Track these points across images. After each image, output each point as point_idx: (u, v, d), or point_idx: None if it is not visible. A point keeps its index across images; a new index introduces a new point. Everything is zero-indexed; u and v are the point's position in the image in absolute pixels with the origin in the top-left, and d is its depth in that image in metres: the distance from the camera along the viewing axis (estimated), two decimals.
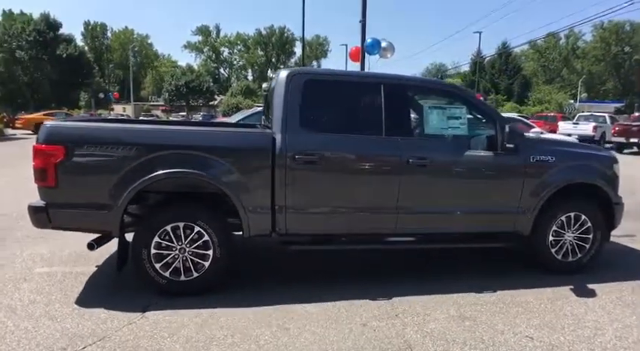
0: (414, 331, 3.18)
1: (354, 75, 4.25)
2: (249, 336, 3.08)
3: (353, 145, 3.80)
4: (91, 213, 3.50)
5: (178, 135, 3.72)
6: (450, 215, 4.01)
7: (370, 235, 4.02)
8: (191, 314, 3.36)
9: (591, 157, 4.42)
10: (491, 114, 4.18)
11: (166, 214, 3.64)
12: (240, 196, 3.61)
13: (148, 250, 3.55)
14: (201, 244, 3.64)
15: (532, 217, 4.15)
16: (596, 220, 4.33)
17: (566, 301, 3.75)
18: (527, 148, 4.10)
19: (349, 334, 3.12)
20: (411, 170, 3.84)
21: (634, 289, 4.03)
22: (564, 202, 4.27)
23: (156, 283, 3.61)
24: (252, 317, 3.34)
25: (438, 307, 3.56)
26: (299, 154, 3.65)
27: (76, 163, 3.44)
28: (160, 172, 3.46)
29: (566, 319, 3.43)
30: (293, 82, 3.78)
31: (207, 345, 2.95)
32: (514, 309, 3.57)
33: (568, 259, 4.33)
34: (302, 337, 3.08)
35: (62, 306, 3.47)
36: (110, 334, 3.07)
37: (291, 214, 3.73)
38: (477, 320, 3.36)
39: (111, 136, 3.52)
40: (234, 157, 3.60)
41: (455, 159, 3.98)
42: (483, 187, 4.06)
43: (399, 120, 3.93)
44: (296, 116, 3.72)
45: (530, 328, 3.25)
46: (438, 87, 4.33)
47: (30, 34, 42.76)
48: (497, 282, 4.08)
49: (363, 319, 3.35)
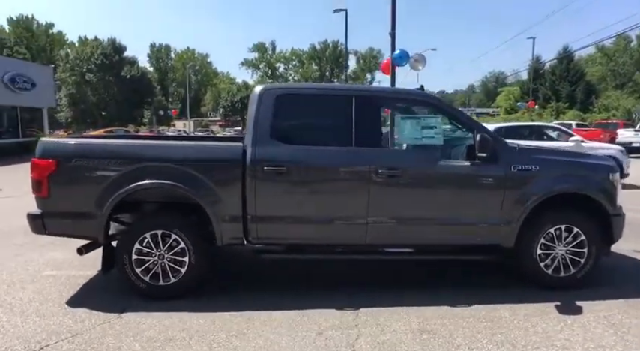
0: (366, 341, 3.18)
1: (326, 88, 4.35)
2: (205, 339, 3.23)
3: (321, 157, 3.89)
4: (80, 221, 3.83)
5: (154, 149, 4.00)
6: (424, 226, 3.96)
7: (343, 245, 4.06)
8: (161, 316, 3.58)
9: (583, 167, 4.17)
10: (469, 123, 4.10)
11: (145, 222, 3.91)
12: (213, 206, 3.80)
13: (130, 256, 3.83)
14: (178, 251, 3.86)
15: (515, 229, 3.99)
16: (591, 233, 4.07)
17: (543, 317, 3.57)
18: (508, 157, 3.98)
19: (300, 342, 3.18)
20: (381, 181, 3.85)
21: (628, 308, 3.74)
22: (553, 213, 4.07)
23: (136, 287, 3.88)
24: (216, 321, 3.50)
25: (401, 319, 3.53)
26: (267, 166, 3.79)
27: (66, 176, 3.80)
28: (137, 183, 3.74)
29: (535, 336, 3.26)
30: (265, 97, 3.95)
31: (164, 345, 3.14)
32: (482, 324, 3.45)
33: (560, 274, 4.10)
34: (254, 341, 3.19)
35: (54, 305, 3.82)
36: (84, 331, 3.35)
37: (262, 223, 3.87)
38: (436, 334, 3.29)
39: (95, 151, 3.86)
40: (206, 168, 3.81)
41: (428, 169, 3.94)
42: (459, 197, 3.97)
43: (370, 131, 3.96)
44: (266, 129, 3.88)
45: (490, 344, 3.14)
46: (411, 97, 4.30)
47: (98, 58, 46.87)
48: (477, 296, 3.95)
49: (321, 328, 3.39)
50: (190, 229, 3.88)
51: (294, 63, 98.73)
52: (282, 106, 3.94)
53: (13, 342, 3.18)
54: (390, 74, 12.50)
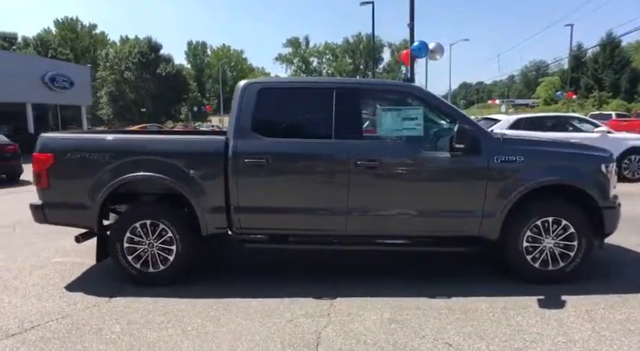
0: (333, 329, 3.24)
1: (308, 81, 4.39)
2: (182, 323, 3.39)
3: (300, 149, 3.95)
4: (75, 211, 4.08)
5: (142, 143, 4.18)
6: (404, 217, 3.96)
7: (324, 235, 4.11)
8: (147, 301, 3.77)
9: (572, 157, 4.03)
10: (452, 114, 4.04)
11: (135, 212, 4.11)
12: (197, 197, 3.95)
13: (121, 244, 4.05)
14: (166, 240, 4.05)
15: (499, 221, 3.92)
16: (581, 226, 3.95)
17: (521, 311, 3.51)
18: (491, 148, 3.91)
19: (270, 328, 3.28)
20: (360, 172, 3.88)
21: (614, 304, 3.61)
22: (540, 205, 3.97)
23: (128, 274, 4.10)
24: (196, 307, 3.65)
25: (375, 309, 3.56)
26: (248, 158, 3.90)
27: (63, 169, 4.06)
28: (126, 175, 3.94)
29: (507, 329, 3.22)
30: (247, 91, 4.05)
31: (142, 327, 3.32)
32: (455, 316, 3.44)
33: (548, 267, 4.00)
34: (226, 327, 3.32)
35: (53, 289, 4.10)
36: (73, 313, 3.58)
37: (244, 214, 3.99)
38: (405, 324, 3.31)
39: (88, 145, 4.09)
40: (191, 161, 3.97)
41: (408, 160, 3.93)
42: (440, 188, 3.94)
43: (350, 123, 3.98)
44: (248, 122, 3.98)
45: (457, 336, 3.13)
46: (392, 88, 4.28)
47: (135, 57, 48.69)
48: (460, 288, 3.92)
49: (293, 315, 3.48)
50: (177, 219, 4.05)
51: (327, 57, 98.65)
52: (263, 100, 4.03)
53: (9, 321, 3.45)
54: (410, 66, 12.36)
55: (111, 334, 3.23)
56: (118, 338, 3.18)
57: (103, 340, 3.15)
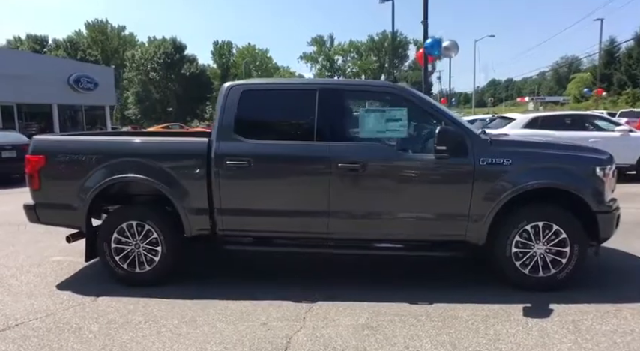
0: (305, 334, 3.21)
1: (290, 83, 4.34)
2: (158, 323, 3.43)
3: (282, 151, 3.93)
4: (65, 212, 4.18)
5: (127, 145, 4.24)
6: (387, 221, 3.88)
7: (307, 238, 4.08)
8: (129, 301, 3.83)
9: (564, 159, 3.86)
10: (436, 114, 3.93)
11: (121, 213, 4.18)
12: (180, 198, 3.99)
13: (109, 245, 4.12)
14: (152, 241, 4.10)
15: (486, 226, 3.80)
16: (573, 231, 3.78)
17: (503, 319, 3.38)
18: (477, 150, 3.79)
19: (242, 331, 3.28)
20: (342, 175, 3.83)
21: (605, 314, 3.44)
22: (529, 209, 3.83)
23: (116, 274, 4.17)
24: (175, 308, 3.68)
25: (352, 314, 3.51)
26: (230, 160, 3.91)
27: (53, 170, 4.16)
28: (112, 177, 4.01)
29: (484, 338, 3.11)
30: (231, 93, 4.05)
31: (119, 327, 3.38)
32: (432, 323, 3.35)
33: (538, 274, 3.85)
34: (200, 329, 3.33)
35: (45, 287, 4.22)
36: (57, 311, 3.67)
37: (227, 215, 4.00)
38: (378, 330, 3.25)
39: (75, 147, 4.18)
40: (174, 163, 4.00)
41: (390, 163, 3.85)
42: (424, 191, 3.85)
43: (332, 125, 3.93)
44: (231, 125, 3.99)
45: (429, 344, 3.05)
46: (375, 89, 4.19)
47: (160, 57, 49.78)
48: (445, 294, 3.82)
49: (269, 319, 3.47)
50: (162, 220, 4.09)
51: (352, 55, 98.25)
52: (246, 102, 4.02)
53: None
54: (424, 64, 12.15)
55: (88, 334, 3.30)
56: (94, 337, 3.24)
57: (80, 339, 3.22)
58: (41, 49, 51.47)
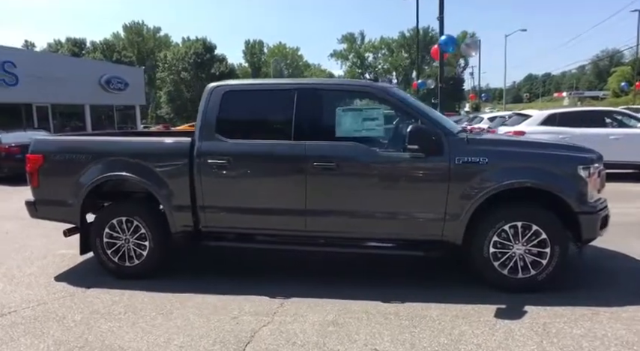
0: (270, 329, 3.29)
1: (271, 83, 4.40)
2: (137, 315, 3.59)
3: (260, 150, 4.01)
4: (62, 208, 4.42)
5: (115, 145, 4.43)
6: (362, 219, 3.90)
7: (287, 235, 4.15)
8: (115, 293, 4.03)
9: (543, 158, 3.76)
10: (414, 113, 3.91)
11: (111, 209, 4.38)
12: (165, 195, 4.14)
13: (101, 239, 4.33)
14: (141, 236, 4.28)
15: (462, 225, 3.76)
16: (554, 232, 3.69)
17: (472, 320, 3.35)
18: (453, 148, 3.75)
19: (212, 324, 3.39)
20: (318, 173, 3.87)
21: (580, 317, 3.34)
22: (507, 209, 3.76)
23: (107, 267, 4.38)
24: (156, 301, 3.84)
25: (321, 311, 3.56)
26: (211, 159, 4.03)
27: (50, 169, 4.41)
28: (103, 175, 4.21)
29: (446, 338, 3.10)
30: (214, 94, 4.18)
31: (100, 317, 3.56)
32: (399, 322, 3.35)
33: (517, 275, 3.78)
34: (174, 321, 3.47)
35: (44, 278, 4.47)
36: (48, 301, 3.90)
37: (209, 213, 4.13)
38: (343, 327, 3.29)
39: (70, 147, 4.41)
40: (159, 161, 4.16)
41: (366, 162, 3.87)
42: (399, 190, 3.84)
43: (309, 124, 3.98)
44: (212, 124, 4.11)
45: (389, 343, 3.06)
46: (353, 88, 4.19)
47: (191, 57, 51.02)
48: (421, 293, 3.80)
49: (240, 313, 3.57)
50: (149, 216, 4.27)
51: (383, 52, 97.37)
52: (228, 102, 4.13)
53: None
54: (439, 60, 11.96)
55: (70, 322, 3.49)
56: (75, 326, 3.43)
57: (61, 327, 3.42)
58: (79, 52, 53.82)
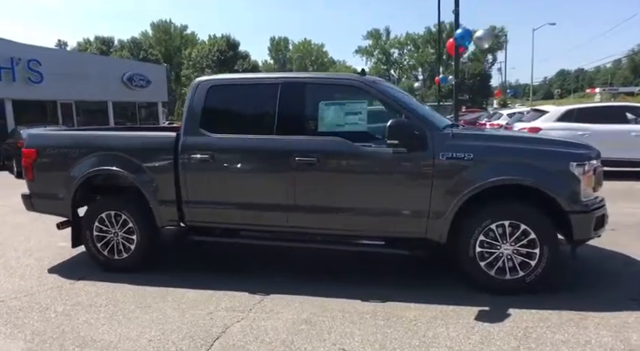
0: (242, 325, 3.26)
1: (256, 78, 4.34)
2: (117, 307, 3.62)
3: (242, 145, 3.98)
4: (54, 201, 4.50)
5: (103, 139, 4.47)
6: (344, 216, 3.82)
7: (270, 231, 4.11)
8: (101, 286, 4.08)
9: (532, 154, 3.57)
10: (397, 107, 3.79)
11: (101, 203, 4.44)
12: (151, 190, 4.17)
13: (91, 232, 4.40)
14: (129, 230, 4.32)
15: (447, 224, 3.63)
16: (543, 232, 3.52)
17: (450, 322, 3.23)
18: (437, 144, 3.62)
19: (187, 318, 3.38)
20: (299, 168, 3.81)
21: (566, 322, 3.17)
22: (493, 207, 3.61)
23: (97, 260, 4.45)
24: (138, 294, 3.87)
25: (297, 309, 3.50)
26: (195, 154, 4.02)
27: (43, 163, 4.50)
28: (92, 169, 4.27)
29: (418, 340, 2.99)
30: (199, 88, 4.16)
31: (81, 309, 3.61)
32: (373, 322, 3.26)
33: (505, 276, 3.62)
34: (150, 315, 3.48)
35: (38, 270, 4.57)
36: (36, 292, 3.99)
37: (193, 207, 4.13)
38: (316, 326, 3.22)
39: (61, 142, 4.50)
40: (145, 156, 4.18)
41: (347, 157, 3.78)
42: (382, 186, 3.74)
43: (292, 119, 3.92)
44: (197, 120, 4.10)
45: (358, 343, 2.98)
46: (336, 82, 4.07)
47: (214, 54, 51.67)
48: (406, 293, 3.69)
49: (217, 308, 3.55)
50: (136, 210, 4.30)
51: (409, 48, 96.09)
52: (213, 97, 4.12)
53: None
54: (455, 55, 11.68)
55: (51, 313, 3.55)
56: (55, 317, 3.49)
57: (42, 318, 3.48)
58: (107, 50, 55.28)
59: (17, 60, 16.81)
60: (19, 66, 16.89)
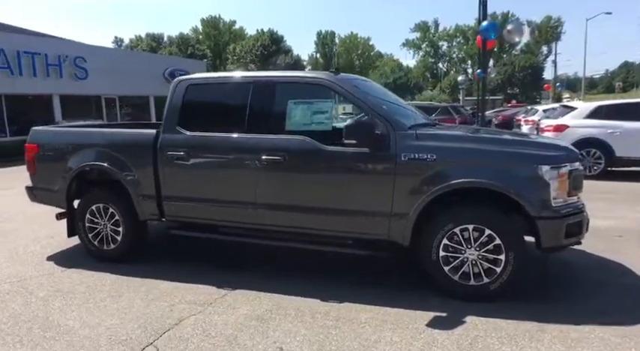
0: (196, 319, 3.35)
1: (232, 77, 4.37)
2: (92, 295, 3.84)
3: (213, 143, 4.07)
4: (52, 193, 4.82)
5: (93, 136, 4.70)
6: (308, 215, 3.82)
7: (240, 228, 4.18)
8: (87, 274, 4.33)
9: (497, 156, 3.41)
10: (364, 106, 3.72)
11: (91, 196, 4.68)
12: (133, 184, 4.36)
13: (83, 223, 4.68)
14: (116, 222, 4.55)
15: (409, 226, 3.55)
16: (509, 237, 3.36)
17: (399, 325, 3.17)
18: (400, 144, 3.54)
19: (149, 309, 3.53)
20: (266, 167, 3.86)
21: (520, 334, 3.02)
22: (456, 210, 3.49)
23: (89, 250, 4.72)
24: (116, 284, 4.07)
25: (255, 304, 3.56)
26: (170, 151, 4.17)
27: (43, 157, 4.82)
28: (83, 164, 4.53)
29: (356, 343, 2.96)
30: (178, 87, 4.30)
31: (61, 296, 3.85)
32: (324, 322, 3.26)
33: (469, 282, 3.50)
34: (118, 304, 3.66)
35: (38, 257, 4.90)
36: (28, 278, 4.29)
37: (170, 202, 4.28)
38: (265, 323, 3.27)
39: (56, 137, 4.78)
40: (128, 152, 4.38)
41: (310, 156, 3.77)
42: (344, 186, 3.70)
43: (261, 117, 3.96)
44: (175, 117, 4.24)
45: (299, 342, 2.99)
46: (304, 80, 4.01)
47: (258, 49, 52.53)
48: (370, 295, 3.65)
49: (180, 301, 3.67)
50: (121, 204, 4.51)
51: (458, 40, 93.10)
52: (190, 95, 4.24)
53: None
54: (482, 49, 11.23)
55: (33, 298, 3.82)
56: (34, 302, 3.75)
57: (23, 302, 3.75)
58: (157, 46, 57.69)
59: (64, 57, 17.94)
60: (65, 63, 18.02)
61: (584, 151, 8.73)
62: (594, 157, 8.78)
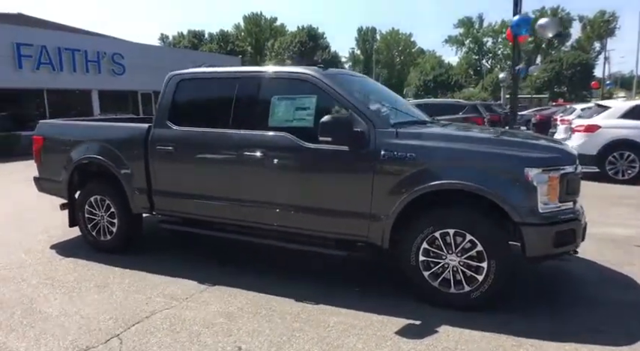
0: (167, 313, 3.36)
1: (222, 72, 4.31)
2: (79, 284, 3.94)
3: (199, 138, 4.07)
4: (55, 184, 4.99)
5: (92, 130, 4.82)
6: (288, 213, 3.74)
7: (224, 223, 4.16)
8: (81, 264, 4.46)
9: (480, 157, 3.19)
10: (346, 103, 3.59)
11: (89, 188, 4.81)
12: (126, 178, 4.44)
13: (83, 214, 4.82)
14: (112, 214, 4.66)
15: (387, 228, 3.41)
16: (491, 244, 3.16)
17: (367, 331, 3.05)
18: (380, 142, 3.40)
19: (126, 301, 3.58)
20: (248, 163, 3.82)
21: (493, 348, 2.84)
22: (436, 214, 3.31)
23: (88, 240, 4.86)
24: (104, 274, 4.17)
25: (229, 302, 3.54)
26: (160, 145, 4.21)
27: (48, 149, 5.00)
28: (82, 157, 4.66)
29: (318, 347, 2.87)
30: (170, 82, 4.33)
31: (51, 283, 3.98)
32: (291, 324, 3.18)
33: (449, 289, 3.32)
34: (100, 294, 3.73)
35: (43, 245, 5.09)
36: (28, 265, 4.46)
37: (159, 196, 4.33)
38: (232, 321, 3.23)
39: (60, 131, 4.94)
40: (122, 146, 4.46)
41: (290, 153, 3.69)
42: (323, 184, 3.61)
43: (246, 113, 3.92)
44: (166, 112, 4.27)
45: (259, 342, 2.94)
46: (287, 75, 3.87)
47: (295, 46, 52.76)
48: (349, 298, 3.53)
49: (159, 294, 3.70)
50: (116, 196, 4.60)
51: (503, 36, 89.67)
52: (181, 90, 4.26)
53: None
54: (513, 44, 10.73)
55: (24, 285, 3.97)
56: (25, 289, 3.89)
57: (14, 288, 3.90)
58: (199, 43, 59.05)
59: (103, 54, 18.70)
60: (104, 59, 18.79)
61: (617, 153, 8.17)
62: (628, 161, 8.19)
